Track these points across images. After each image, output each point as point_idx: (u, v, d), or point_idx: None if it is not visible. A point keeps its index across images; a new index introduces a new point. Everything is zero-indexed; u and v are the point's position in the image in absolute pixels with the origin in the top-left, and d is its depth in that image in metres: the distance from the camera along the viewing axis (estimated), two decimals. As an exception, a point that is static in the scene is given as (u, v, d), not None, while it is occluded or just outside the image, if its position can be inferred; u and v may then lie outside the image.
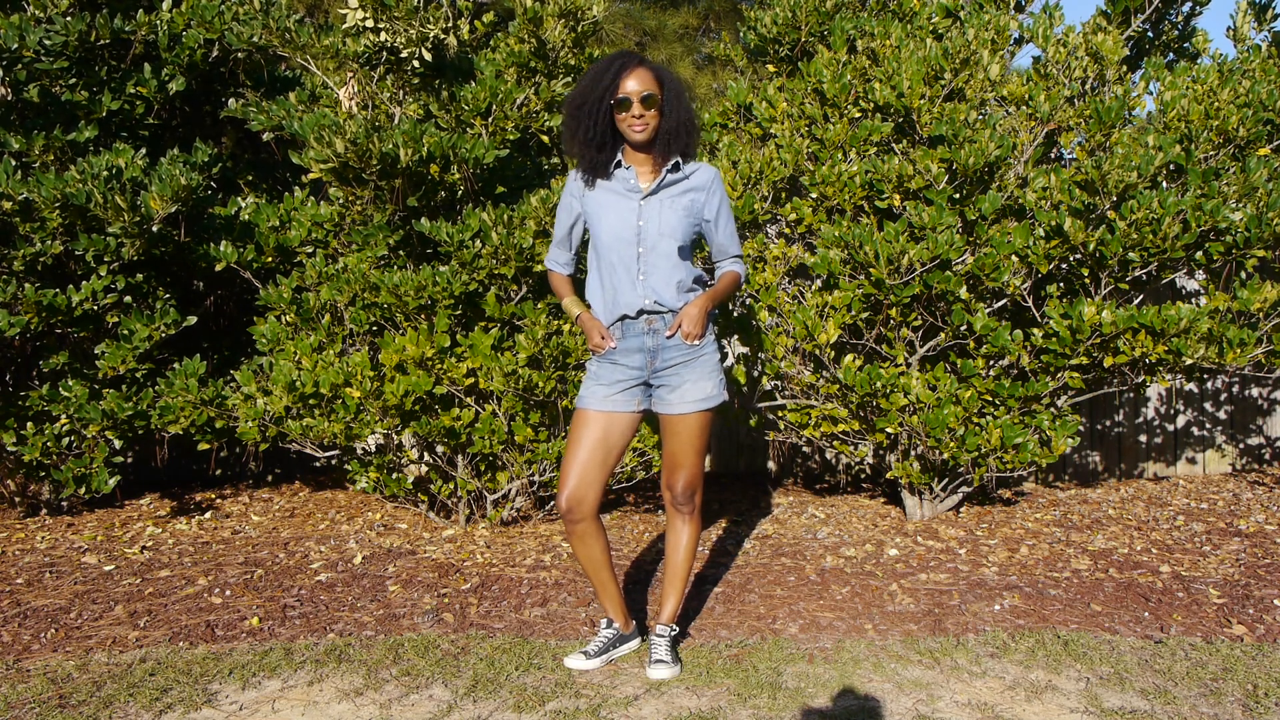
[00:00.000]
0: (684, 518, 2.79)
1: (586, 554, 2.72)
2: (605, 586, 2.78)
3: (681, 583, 2.82)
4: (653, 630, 2.81)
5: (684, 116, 2.67)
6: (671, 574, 2.82)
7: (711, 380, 2.72)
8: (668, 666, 2.66)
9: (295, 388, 3.78)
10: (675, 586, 2.82)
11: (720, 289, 2.76)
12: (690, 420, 2.70)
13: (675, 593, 2.82)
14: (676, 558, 2.81)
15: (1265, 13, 4.88)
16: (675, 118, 2.65)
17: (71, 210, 3.84)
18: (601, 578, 2.76)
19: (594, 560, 2.73)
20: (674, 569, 2.82)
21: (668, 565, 2.84)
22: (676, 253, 2.67)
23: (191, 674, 2.69)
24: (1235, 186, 3.89)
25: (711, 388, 2.71)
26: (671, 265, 2.67)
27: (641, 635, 2.92)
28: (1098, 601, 3.24)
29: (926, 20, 4.51)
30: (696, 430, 2.71)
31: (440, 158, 3.84)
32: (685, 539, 2.80)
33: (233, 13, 4.53)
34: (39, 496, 4.45)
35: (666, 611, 2.81)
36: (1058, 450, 3.80)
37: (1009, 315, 4.17)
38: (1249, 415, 5.38)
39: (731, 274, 2.80)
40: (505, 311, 3.87)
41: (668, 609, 2.82)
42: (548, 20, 4.19)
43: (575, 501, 2.65)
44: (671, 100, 2.65)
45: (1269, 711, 2.45)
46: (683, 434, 2.71)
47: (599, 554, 2.73)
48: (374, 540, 3.99)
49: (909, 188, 3.93)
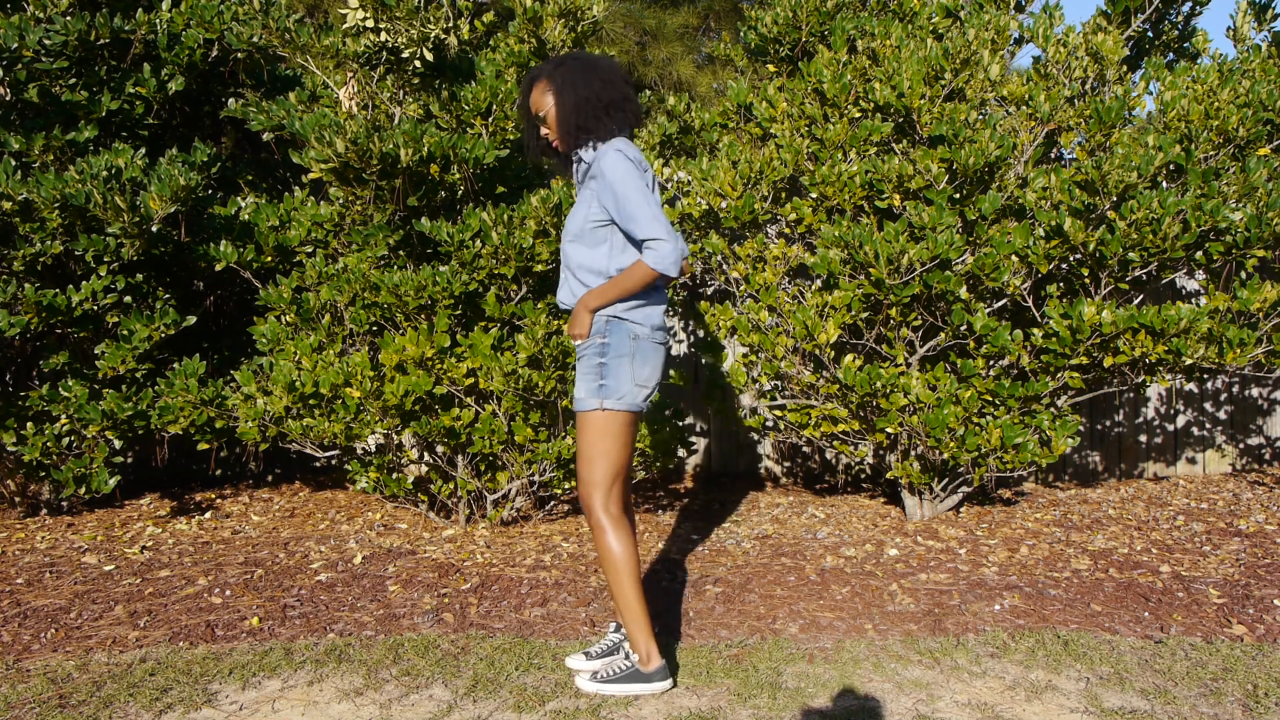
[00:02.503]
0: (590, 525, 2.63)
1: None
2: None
3: (611, 592, 2.61)
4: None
5: (580, 96, 2.54)
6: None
7: (584, 383, 2.57)
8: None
9: (295, 388, 3.78)
10: (610, 596, 2.64)
11: (607, 285, 2.53)
12: (577, 420, 2.61)
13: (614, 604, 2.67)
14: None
15: (1265, 13, 4.88)
16: (567, 106, 2.55)
17: (71, 210, 3.83)
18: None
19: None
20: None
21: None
22: (581, 247, 2.59)
23: (191, 674, 2.69)
24: (1235, 186, 3.89)
25: (582, 390, 2.57)
26: (576, 263, 2.60)
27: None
28: (1098, 601, 3.24)
29: (927, 20, 4.51)
30: (580, 431, 2.59)
31: (440, 158, 3.84)
32: (596, 550, 2.58)
33: (232, 13, 4.53)
34: (39, 496, 4.45)
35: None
36: (1058, 450, 3.80)
37: (1009, 315, 4.17)
38: (1249, 415, 5.38)
39: (629, 267, 2.52)
40: (505, 311, 3.87)
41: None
42: (548, 20, 4.19)
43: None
44: (565, 92, 2.56)
45: (1269, 711, 2.45)
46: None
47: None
48: (374, 540, 3.99)
49: (909, 188, 3.93)
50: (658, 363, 2.64)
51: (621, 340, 2.56)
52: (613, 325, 2.57)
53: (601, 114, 2.58)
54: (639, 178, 2.49)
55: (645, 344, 2.59)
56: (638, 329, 2.58)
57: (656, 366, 2.64)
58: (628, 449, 2.61)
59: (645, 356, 2.59)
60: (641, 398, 2.60)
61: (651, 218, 2.45)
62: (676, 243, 2.47)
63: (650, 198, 2.49)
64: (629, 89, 2.67)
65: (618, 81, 2.62)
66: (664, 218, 2.48)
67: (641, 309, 2.58)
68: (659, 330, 2.63)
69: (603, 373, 2.56)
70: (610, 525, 2.57)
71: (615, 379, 2.55)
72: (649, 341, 2.59)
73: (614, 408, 2.55)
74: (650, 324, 2.60)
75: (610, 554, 2.57)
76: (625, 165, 2.49)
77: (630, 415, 2.59)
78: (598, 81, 2.58)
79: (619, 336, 2.56)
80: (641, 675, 2.56)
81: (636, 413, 2.61)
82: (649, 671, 2.56)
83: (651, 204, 2.48)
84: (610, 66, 2.66)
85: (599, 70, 2.61)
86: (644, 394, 2.61)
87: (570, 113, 2.57)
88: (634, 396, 2.57)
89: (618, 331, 2.57)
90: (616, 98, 2.60)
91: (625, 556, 2.57)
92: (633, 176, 2.48)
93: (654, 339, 2.61)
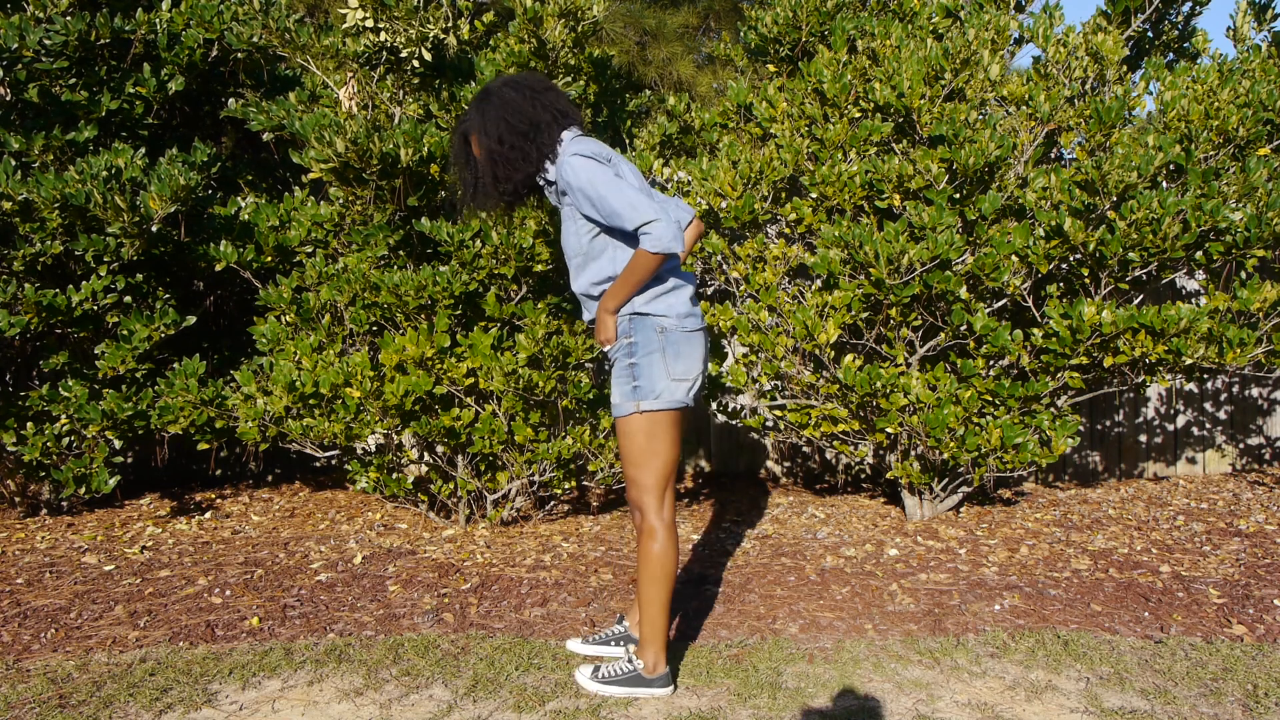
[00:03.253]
0: (636, 527, 2.55)
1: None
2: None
3: (640, 596, 2.52)
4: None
5: (493, 137, 2.50)
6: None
7: (618, 388, 2.49)
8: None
9: (295, 388, 3.78)
10: (638, 597, 2.56)
11: (618, 282, 2.43)
12: (617, 426, 2.53)
13: (637, 605, 2.58)
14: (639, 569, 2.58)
15: (1265, 13, 4.88)
16: (492, 150, 2.51)
17: (71, 210, 3.83)
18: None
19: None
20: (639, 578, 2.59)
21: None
22: (588, 265, 2.53)
23: (191, 674, 2.69)
24: (1235, 186, 3.89)
25: (617, 396, 2.49)
26: (589, 281, 2.54)
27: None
28: (1098, 601, 3.24)
29: (927, 20, 4.51)
30: (620, 437, 2.50)
31: (440, 158, 3.84)
32: (639, 551, 2.52)
33: (232, 13, 4.53)
34: (39, 496, 4.45)
35: (631, 620, 2.85)
36: (1058, 450, 3.80)
37: (1009, 315, 4.17)
38: (1249, 415, 5.38)
39: (631, 258, 2.41)
40: (505, 311, 3.87)
41: (631, 618, 2.84)
42: (548, 20, 4.19)
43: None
44: (482, 138, 2.51)
45: (1269, 711, 2.45)
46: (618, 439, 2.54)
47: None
48: (374, 540, 3.99)
49: (909, 188, 3.93)
50: (694, 352, 2.50)
51: (649, 336, 2.46)
52: (636, 322, 2.47)
53: (524, 139, 2.50)
54: (603, 171, 2.38)
55: (675, 335, 2.46)
56: (663, 320, 2.46)
57: (694, 357, 2.50)
58: (676, 447, 2.49)
59: (678, 348, 2.46)
60: (682, 392, 2.47)
61: (631, 205, 2.33)
62: (669, 216, 2.35)
63: (622, 186, 2.36)
64: (540, 96, 2.54)
65: (523, 99, 2.52)
66: (645, 198, 2.35)
67: (662, 299, 2.47)
68: (689, 317, 2.49)
69: (635, 373, 2.45)
70: (663, 532, 2.48)
71: (648, 378, 2.44)
72: (678, 332, 2.47)
73: (652, 408, 2.44)
74: (675, 313, 2.47)
75: (654, 561, 2.48)
76: (586, 166, 2.40)
77: (673, 413, 2.48)
78: (502, 113, 2.50)
79: (645, 333, 2.46)
80: (643, 680, 2.54)
81: (681, 409, 2.50)
82: (652, 678, 2.54)
83: (626, 191, 2.35)
84: (507, 88, 2.54)
85: (495, 103, 2.52)
86: (684, 388, 2.48)
87: (501, 151, 2.51)
88: (672, 393, 2.46)
89: (642, 328, 2.46)
90: (531, 118, 2.51)
91: (669, 567, 2.48)
92: (598, 173, 2.38)
93: (684, 327, 2.48)
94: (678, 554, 2.50)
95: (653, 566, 2.48)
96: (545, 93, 2.55)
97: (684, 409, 2.52)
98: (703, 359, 2.54)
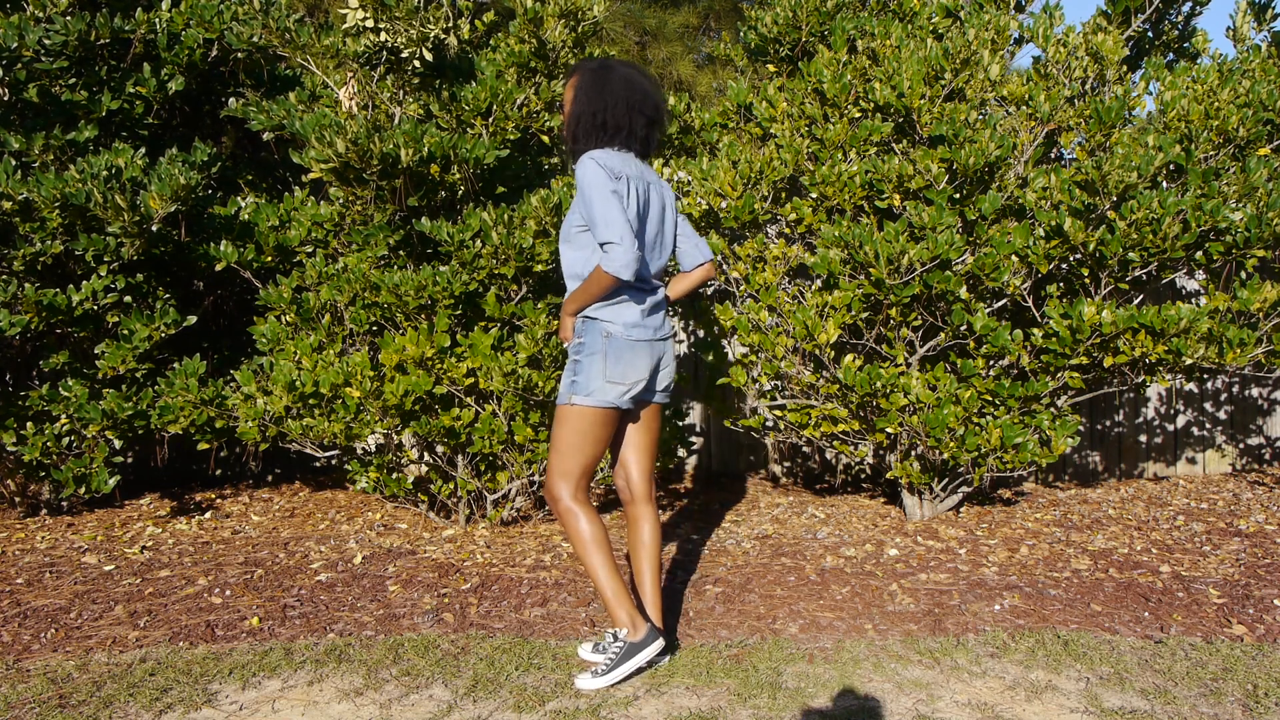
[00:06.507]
0: (556, 515, 2.72)
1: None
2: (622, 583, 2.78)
3: (588, 571, 2.69)
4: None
5: (581, 109, 2.66)
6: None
7: (563, 380, 2.69)
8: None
9: (295, 388, 3.78)
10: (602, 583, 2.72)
11: (578, 290, 2.63)
12: (555, 413, 2.74)
13: (593, 583, 2.80)
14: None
15: (1265, 13, 4.88)
16: (571, 114, 2.68)
17: (71, 210, 3.83)
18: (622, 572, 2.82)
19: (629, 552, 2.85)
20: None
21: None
22: (568, 250, 2.69)
23: (191, 674, 2.69)
24: (1235, 186, 3.89)
25: (561, 385, 2.69)
26: (565, 266, 2.71)
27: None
28: (1098, 601, 3.24)
29: (926, 20, 4.51)
30: (554, 424, 2.70)
31: (441, 158, 3.84)
32: (567, 532, 2.70)
33: (232, 12, 4.53)
34: (39, 496, 4.45)
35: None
36: (1058, 450, 3.80)
37: (1009, 315, 4.17)
38: (1249, 415, 5.38)
39: (593, 271, 2.59)
40: (505, 311, 3.87)
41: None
42: (548, 20, 4.19)
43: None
44: (577, 99, 2.67)
45: (1269, 711, 2.45)
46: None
47: (629, 545, 2.85)
48: (374, 540, 3.99)
49: (909, 188, 3.93)
50: (636, 360, 2.65)
51: (594, 339, 2.64)
52: (586, 325, 2.66)
53: (596, 131, 2.65)
54: (605, 184, 2.53)
55: (619, 342, 2.63)
56: (609, 327, 2.63)
57: (635, 364, 2.65)
58: (599, 445, 2.67)
59: (619, 354, 2.63)
60: (614, 394, 2.63)
61: (606, 222, 2.50)
62: (631, 247, 2.50)
63: (612, 203, 2.51)
64: (641, 114, 2.68)
65: (627, 104, 2.66)
66: (623, 223, 2.50)
67: (610, 308, 2.64)
68: (635, 328, 2.65)
69: (576, 369, 2.64)
70: (580, 508, 2.66)
71: (586, 375, 2.62)
72: (623, 339, 2.63)
73: (584, 403, 2.62)
74: (622, 321, 2.63)
75: (584, 535, 2.64)
76: (595, 172, 2.54)
77: (603, 412, 2.64)
78: (605, 99, 2.64)
79: (592, 335, 2.64)
80: (634, 646, 2.62)
81: (612, 410, 2.65)
82: (638, 640, 2.62)
83: (612, 209, 2.50)
84: (626, 85, 2.68)
85: (611, 87, 2.66)
86: (618, 391, 2.64)
87: (571, 121, 2.68)
88: (605, 393, 2.62)
89: (590, 330, 2.64)
90: (619, 119, 2.66)
91: (598, 535, 2.65)
92: (600, 182, 2.53)
93: (630, 336, 2.64)
94: (601, 525, 2.67)
95: (584, 540, 2.65)
96: (646, 118, 2.71)
97: (617, 410, 2.69)
98: (648, 368, 2.70)
